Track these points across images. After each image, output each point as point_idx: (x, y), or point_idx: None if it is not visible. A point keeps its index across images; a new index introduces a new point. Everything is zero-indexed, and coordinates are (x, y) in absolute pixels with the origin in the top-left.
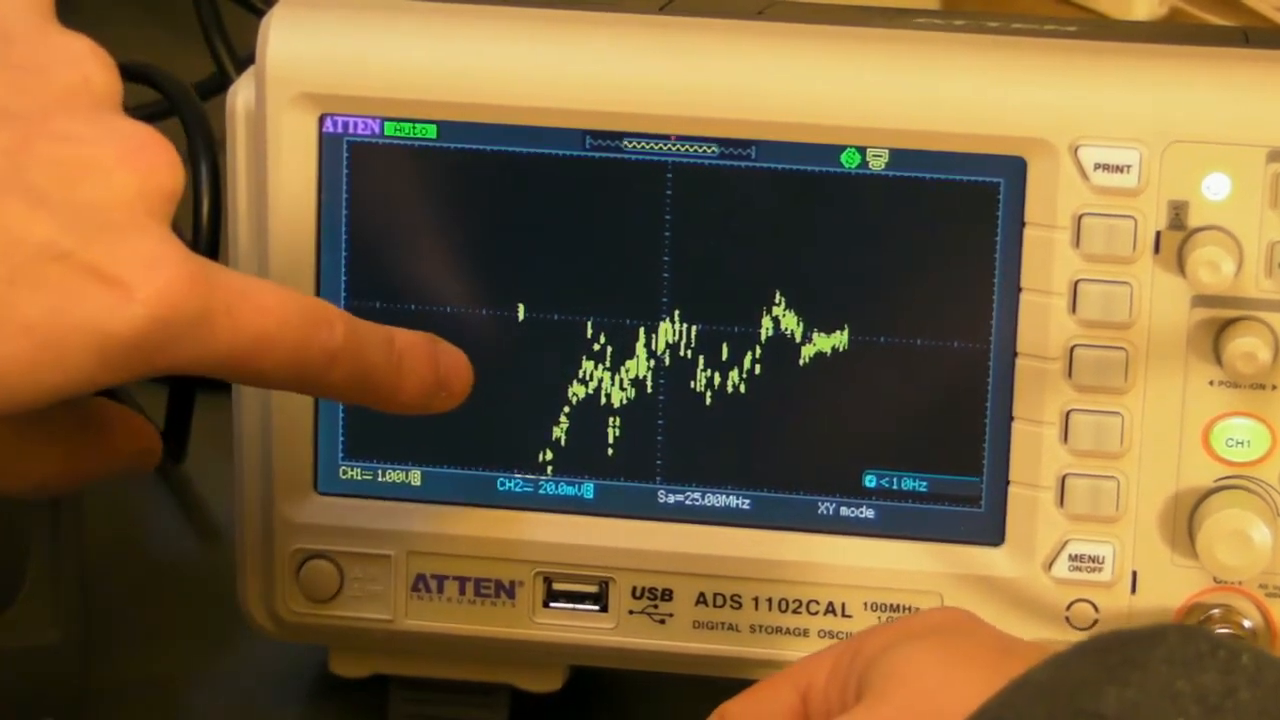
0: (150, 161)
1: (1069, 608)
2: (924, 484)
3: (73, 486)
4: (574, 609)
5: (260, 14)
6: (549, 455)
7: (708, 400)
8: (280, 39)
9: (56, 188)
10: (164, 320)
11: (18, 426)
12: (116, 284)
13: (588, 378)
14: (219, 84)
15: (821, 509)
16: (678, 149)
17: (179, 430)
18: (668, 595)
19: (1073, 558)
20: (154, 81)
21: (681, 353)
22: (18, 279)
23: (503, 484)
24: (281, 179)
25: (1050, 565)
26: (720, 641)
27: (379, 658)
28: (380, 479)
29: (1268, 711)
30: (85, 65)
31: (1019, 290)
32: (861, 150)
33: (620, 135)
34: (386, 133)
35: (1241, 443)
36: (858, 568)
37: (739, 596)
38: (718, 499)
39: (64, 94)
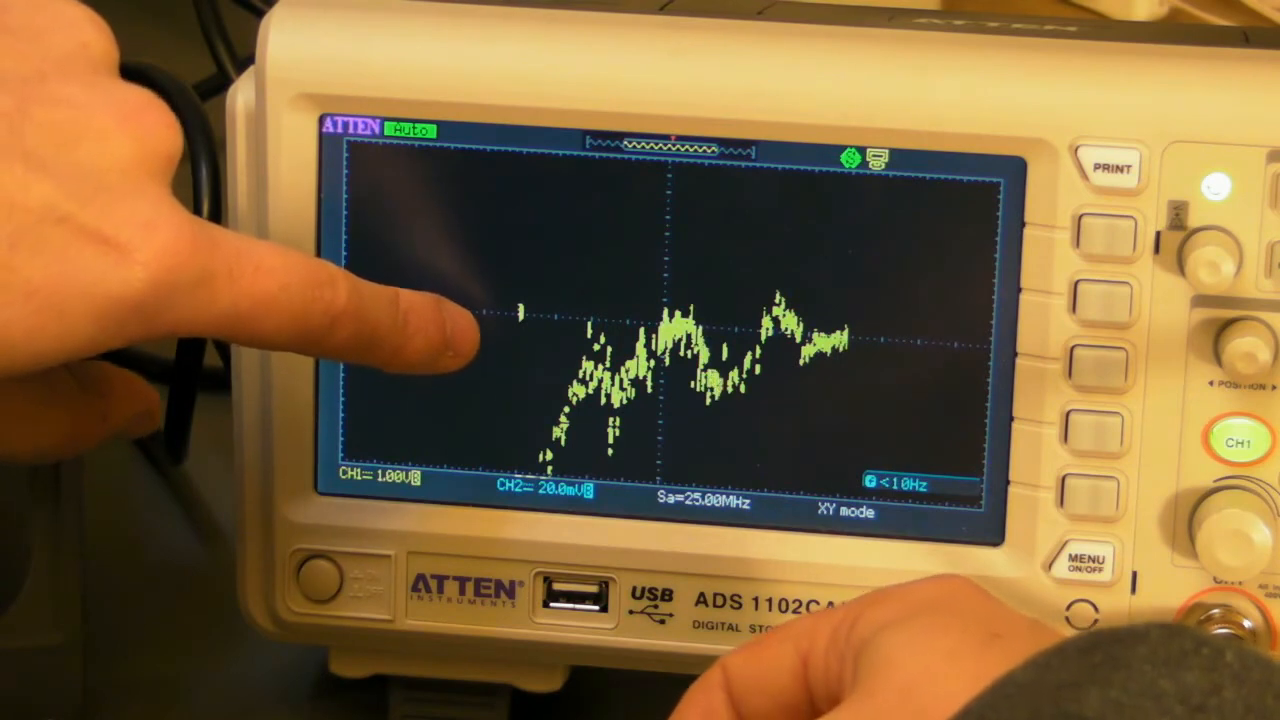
0: (148, 124)
1: (1069, 608)
2: (924, 484)
3: (74, 451)
4: (574, 609)
5: (260, 14)
6: (549, 455)
7: (708, 400)
8: (280, 39)
9: (55, 152)
10: (164, 282)
11: (18, 389)
12: (116, 246)
13: (588, 378)
14: (219, 84)
15: (821, 509)
16: (678, 149)
17: (179, 430)
18: (668, 595)
19: (1073, 558)
20: (154, 81)
21: (681, 353)
22: (18, 242)
23: (503, 484)
24: (281, 179)
25: (1050, 565)
26: (720, 641)
27: (379, 658)
28: (380, 479)
29: (1253, 709)
30: (82, 31)
31: (1019, 290)
32: (861, 150)
33: (620, 135)
34: (386, 133)
35: (1241, 443)
36: (858, 568)
37: (739, 596)
38: (718, 499)
39: (61, 59)
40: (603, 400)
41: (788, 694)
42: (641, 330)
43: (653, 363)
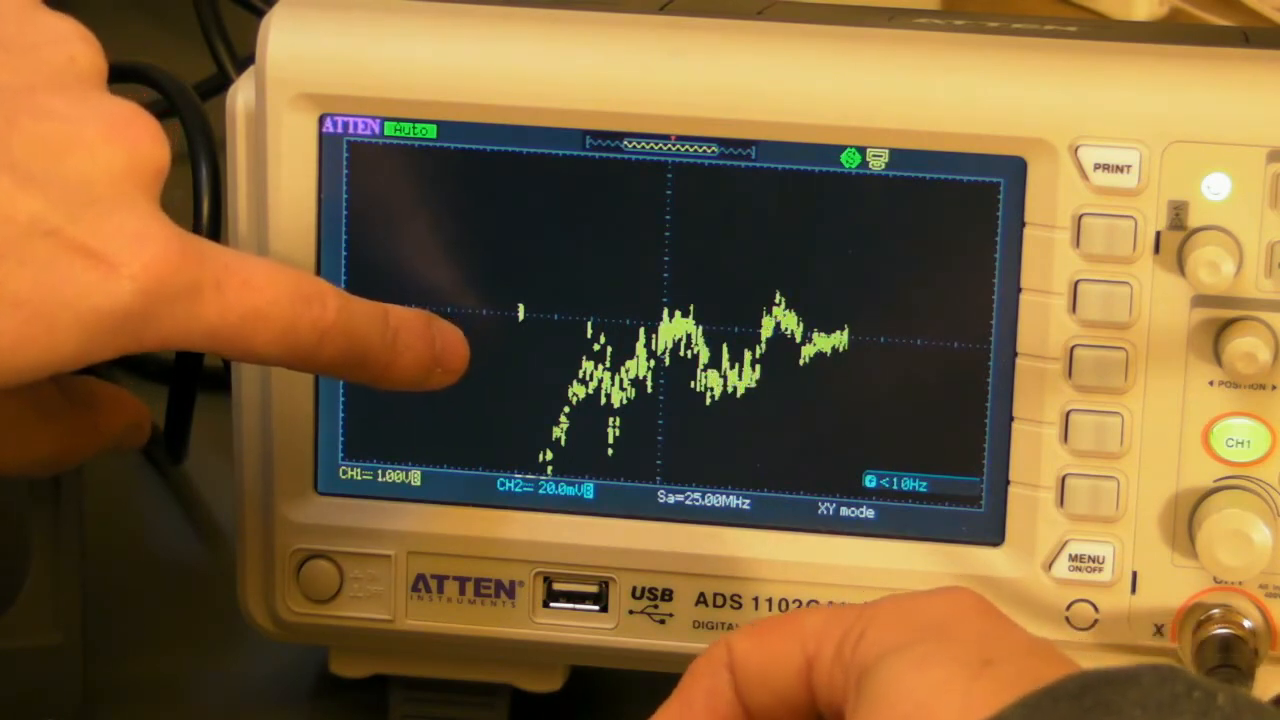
0: (136, 137)
1: (1069, 608)
2: (924, 484)
3: (65, 465)
4: (574, 609)
5: (260, 14)
6: (549, 455)
7: (708, 400)
8: (280, 39)
9: (43, 165)
10: (151, 295)
11: (8, 403)
12: (103, 259)
13: (588, 378)
14: (219, 84)
15: (821, 509)
16: (678, 149)
17: (179, 430)
18: (668, 595)
19: (1073, 558)
20: (154, 81)
21: (681, 353)
22: (5, 255)
23: (503, 484)
24: (281, 179)
25: (1050, 565)
26: None
27: (379, 658)
28: (380, 479)
29: None
30: (70, 44)
31: (1019, 290)
32: (861, 150)
33: (620, 135)
34: (386, 133)
35: (1241, 443)
36: (858, 568)
37: (739, 596)
38: (718, 499)
39: (49, 72)
40: (603, 400)
41: (791, 692)
42: (641, 330)
43: (653, 363)
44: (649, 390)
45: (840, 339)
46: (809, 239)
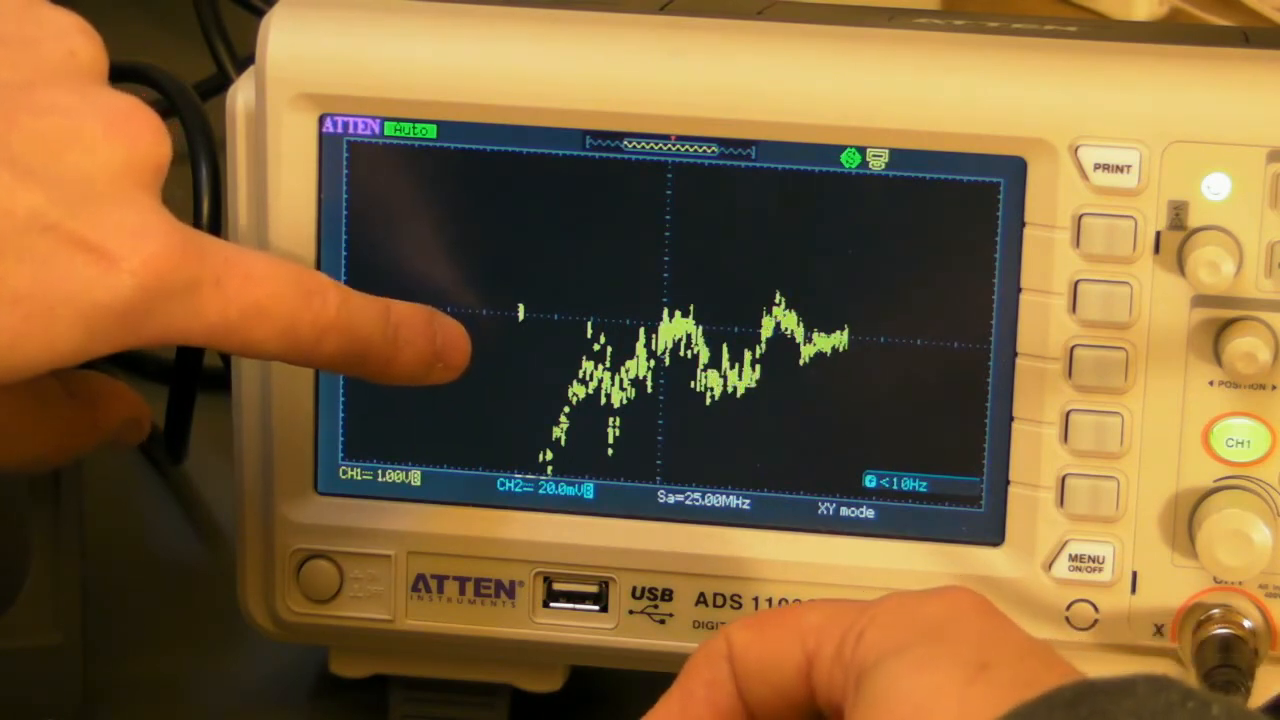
0: (136, 132)
1: (1069, 608)
2: (924, 484)
3: (64, 459)
4: (574, 609)
5: (260, 14)
6: (549, 455)
7: (708, 400)
8: (280, 39)
9: (43, 159)
10: (151, 290)
11: (8, 398)
12: (104, 254)
13: (588, 378)
14: (219, 84)
15: (821, 509)
16: (678, 149)
17: (179, 430)
18: (668, 595)
19: (1073, 558)
20: (154, 81)
21: (681, 353)
22: (5, 250)
23: (503, 484)
24: (281, 179)
25: (1050, 565)
26: None
27: (379, 658)
28: (380, 479)
29: None
30: (71, 38)
31: (1019, 290)
32: (861, 150)
33: (620, 135)
34: (386, 133)
35: (1241, 443)
36: (858, 568)
37: (739, 596)
38: (718, 499)
39: (50, 67)
40: (603, 400)
41: (790, 687)
42: (641, 330)
43: (653, 363)
44: (649, 390)
45: (840, 339)
46: (809, 239)
